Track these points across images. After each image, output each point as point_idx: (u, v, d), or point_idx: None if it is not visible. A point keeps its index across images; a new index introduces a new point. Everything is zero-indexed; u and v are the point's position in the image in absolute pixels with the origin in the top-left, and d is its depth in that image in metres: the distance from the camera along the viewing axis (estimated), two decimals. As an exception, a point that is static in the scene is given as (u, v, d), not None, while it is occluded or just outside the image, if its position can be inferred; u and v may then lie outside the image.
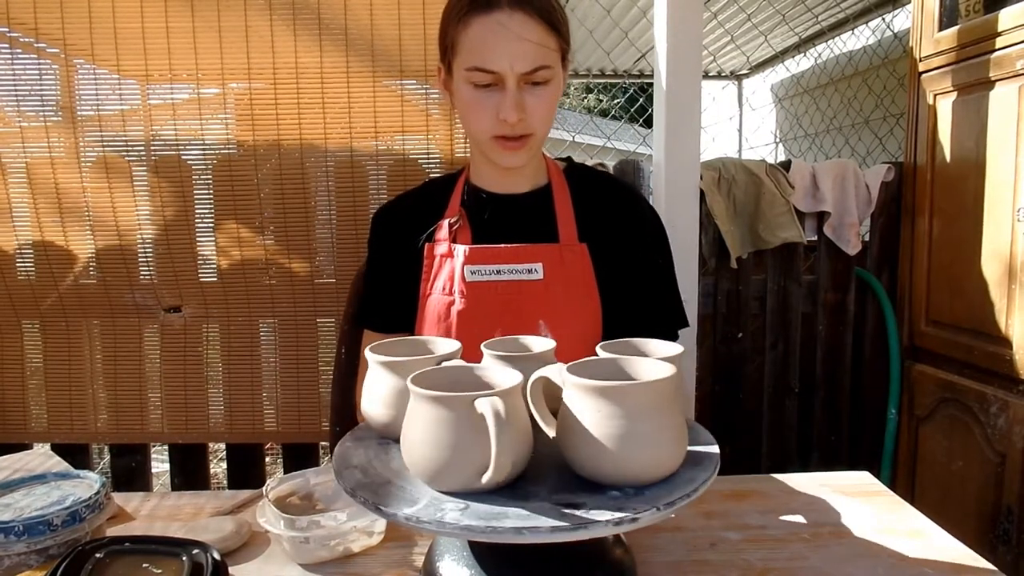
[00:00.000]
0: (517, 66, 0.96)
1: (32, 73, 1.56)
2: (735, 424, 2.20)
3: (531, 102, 0.99)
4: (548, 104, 1.01)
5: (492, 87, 0.98)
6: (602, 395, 0.61)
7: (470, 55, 0.98)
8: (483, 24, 0.96)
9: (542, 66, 0.97)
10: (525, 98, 0.98)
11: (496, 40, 0.96)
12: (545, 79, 0.99)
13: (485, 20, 0.96)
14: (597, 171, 1.21)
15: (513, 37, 0.95)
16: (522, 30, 0.95)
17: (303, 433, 1.71)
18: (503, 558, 0.73)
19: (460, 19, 0.99)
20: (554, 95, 1.02)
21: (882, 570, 0.84)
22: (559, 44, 1.00)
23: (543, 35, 0.97)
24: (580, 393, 0.62)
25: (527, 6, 0.96)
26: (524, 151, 1.03)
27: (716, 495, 1.05)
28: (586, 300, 1.07)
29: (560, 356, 0.79)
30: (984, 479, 1.78)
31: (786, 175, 2.10)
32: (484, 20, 0.96)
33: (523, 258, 1.05)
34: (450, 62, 1.03)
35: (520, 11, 0.96)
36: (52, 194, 1.60)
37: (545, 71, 0.98)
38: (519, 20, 0.95)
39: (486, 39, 0.96)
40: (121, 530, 0.96)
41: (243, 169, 1.59)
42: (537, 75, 0.98)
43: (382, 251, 1.17)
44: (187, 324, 1.67)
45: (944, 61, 1.90)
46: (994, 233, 1.74)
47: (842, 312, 2.20)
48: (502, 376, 0.68)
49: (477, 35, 0.97)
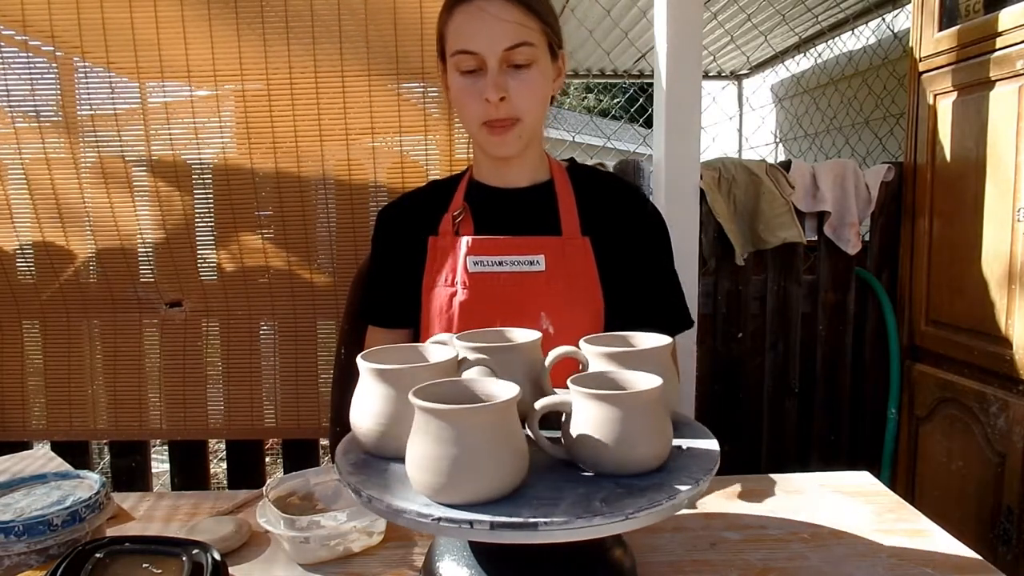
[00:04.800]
0: (496, 44, 0.99)
1: (31, 74, 1.56)
2: (735, 424, 2.20)
3: (514, 85, 1.01)
4: (532, 88, 1.03)
5: (478, 73, 1.02)
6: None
7: (455, 41, 1.02)
8: (465, 11, 1.01)
9: (522, 42, 1.00)
10: (508, 81, 1.01)
11: (476, 23, 1.00)
12: (527, 59, 1.01)
13: (467, 7, 1.01)
14: (600, 170, 1.23)
15: (492, 18, 0.99)
16: (500, 12, 0.99)
17: (302, 430, 1.71)
18: (503, 558, 0.73)
19: (446, 11, 1.04)
20: (539, 80, 1.03)
21: (882, 570, 0.84)
22: (541, 27, 1.03)
23: (522, 16, 1.00)
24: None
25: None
26: (512, 137, 1.04)
27: (716, 495, 1.05)
28: (588, 293, 1.07)
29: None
30: (984, 479, 1.78)
31: (786, 175, 2.10)
32: (466, 7, 1.01)
33: (525, 249, 1.06)
34: (443, 55, 1.07)
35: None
36: (51, 194, 1.60)
37: (526, 48, 1.00)
38: (498, 4, 0.99)
39: (468, 23, 1.01)
40: (121, 530, 0.96)
41: (241, 169, 1.59)
42: (518, 53, 1.00)
43: (387, 247, 1.18)
44: (187, 321, 1.67)
45: (944, 61, 1.90)
46: (994, 233, 1.74)
47: (842, 312, 2.20)
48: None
49: (460, 21, 1.02)
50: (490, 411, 0.62)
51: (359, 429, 0.74)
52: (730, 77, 5.29)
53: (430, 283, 1.10)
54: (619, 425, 0.66)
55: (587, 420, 0.67)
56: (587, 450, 0.68)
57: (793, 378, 2.20)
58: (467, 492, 0.62)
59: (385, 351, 0.78)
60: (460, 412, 0.61)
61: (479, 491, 0.63)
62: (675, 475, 0.68)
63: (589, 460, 0.68)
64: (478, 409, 0.62)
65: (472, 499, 0.63)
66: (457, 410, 0.61)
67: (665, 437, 0.70)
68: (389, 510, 0.64)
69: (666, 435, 0.70)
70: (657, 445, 0.68)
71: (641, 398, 0.67)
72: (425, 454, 0.63)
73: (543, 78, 1.04)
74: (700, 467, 0.70)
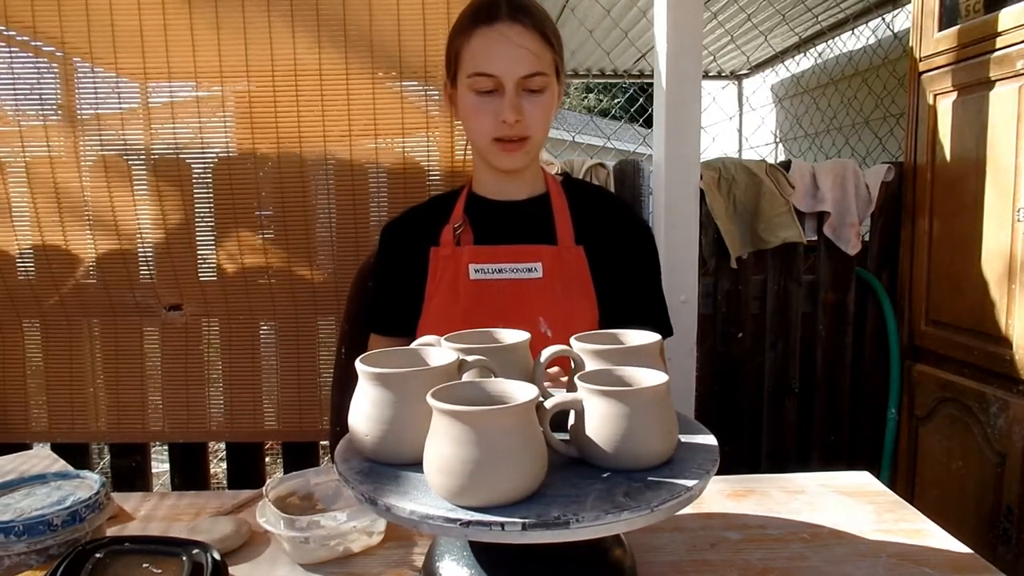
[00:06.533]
0: (516, 70, 1.05)
1: (32, 73, 1.56)
2: (735, 424, 2.20)
3: (528, 107, 1.07)
4: (543, 111, 1.09)
5: (492, 93, 1.06)
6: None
7: (473, 62, 1.06)
8: (485, 35, 1.06)
9: (538, 72, 1.06)
10: (523, 103, 1.06)
11: (497, 47, 1.05)
12: (541, 87, 1.07)
13: (487, 31, 1.05)
14: (592, 185, 1.31)
15: (512, 45, 1.04)
16: (520, 39, 1.04)
17: (304, 432, 1.71)
18: (503, 558, 0.73)
19: (464, 31, 1.08)
20: (549, 104, 1.10)
21: (882, 570, 0.84)
22: (553, 58, 1.09)
23: (539, 46, 1.06)
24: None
25: (525, 21, 1.05)
26: (521, 154, 1.10)
27: (716, 495, 1.05)
28: (583, 299, 1.12)
29: None
30: (984, 479, 1.78)
31: (786, 175, 2.10)
32: (486, 31, 1.05)
33: (524, 257, 1.11)
34: (455, 73, 1.11)
35: (519, 24, 1.05)
36: (52, 194, 1.60)
37: (541, 78, 1.06)
38: (518, 31, 1.05)
39: (488, 47, 1.05)
40: (121, 530, 0.96)
41: (243, 169, 1.59)
42: (534, 81, 1.06)
43: (391, 260, 1.22)
44: (187, 323, 1.67)
45: (944, 61, 1.90)
46: (994, 233, 1.74)
47: (842, 312, 2.20)
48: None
49: (479, 44, 1.06)
50: (513, 412, 0.62)
51: (359, 434, 0.73)
52: (730, 77, 5.29)
53: (432, 291, 1.14)
54: (633, 421, 0.67)
55: (600, 417, 0.68)
56: (601, 447, 0.68)
57: (793, 378, 2.21)
58: (492, 494, 0.62)
59: (381, 355, 0.78)
60: (484, 414, 0.61)
61: (504, 492, 0.62)
62: (683, 467, 0.70)
63: (602, 457, 0.69)
64: (502, 411, 0.62)
65: (496, 501, 0.62)
66: (481, 412, 0.61)
67: (675, 431, 0.72)
68: (413, 517, 0.62)
69: (675, 429, 0.72)
70: (669, 439, 0.70)
71: (653, 393, 0.68)
72: (447, 457, 0.62)
73: (552, 101, 1.10)
74: (705, 458, 0.72)
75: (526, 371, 0.78)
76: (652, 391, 0.68)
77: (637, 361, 0.75)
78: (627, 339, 0.82)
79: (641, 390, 0.69)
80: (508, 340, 0.82)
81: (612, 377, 0.73)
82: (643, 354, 0.77)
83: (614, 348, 0.77)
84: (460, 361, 0.73)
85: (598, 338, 0.82)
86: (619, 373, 0.73)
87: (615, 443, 0.68)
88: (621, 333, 0.83)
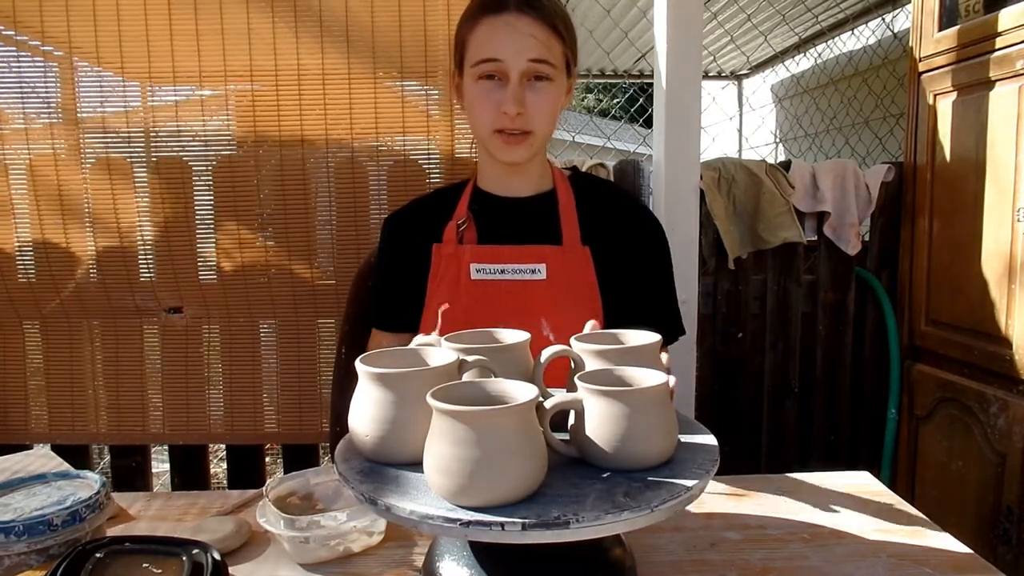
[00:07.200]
0: (521, 55, 1.02)
1: (33, 73, 1.56)
2: (735, 424, 2.20)
3: (531, 98, 1.04)
4: (548, 103, 1.06)
5: (497, 82, 1.04)
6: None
7: (478, 49, 1.05)
8: (491, 23, 1.04)
9: (544, 60, 1.03)
10: (526, 94, 1.04)
11: (503, 34, 1.03)
12: (547, 75, 1.04)
13: (494, 20, 1.04)
14: (602, 180, 1.26)
15: (519, 33, 1.02)
16: (528, 28, 1.02)
17: (304, 434, 1.71)
18: (503, 558, 0.73)
19: (471, 19, 1.06)
20: (555, 96, 1.06)
21: (882, 570, 0.84)
22: (563, 50, 1.06)
23: (547, 36, 1.04)
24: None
25: (534, 11, 1.03)
26: (523, 148, 1.07)
27: (716, 495, 1.05)
28: (587, 301, 1.09)
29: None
30: (984, 479, 1.78)
31: (786, 175, 2.10)
32: (493, 19, 1.04)
33: (527, 258, 1.09)
34: (462, 62, 1.09)
35: (527, 15, 1.03)
36: (53, 194, 1.60)
37: (547, 66, 1.04)
38: (526, 21, 1.03)
39: (494, 34, 1.03)
40: (121, 530, 0.96)
41: (244, 170, 1.59)
42: (540, 67, 1.03)
43: (393, 254, 1.20)
44: (188, 325, 1.67)
45: (944, 61, 1.90)
46: (994, 233, 1.74)
47: (842, 312, 2.20)
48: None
49: (485, 32, 1.04)
50: (514, 412, 0.62)
51: (359, 434, 0.73)
52: (730, 77, 5.29)
53: (434, 290, 1.12)
54: (634, 421, 0.67)
55: (600, 417, 0.68)
56: (601, 447, 0.68)
57: (793, 378, 2.20)
58: (492, 494, 0.62)
59: (381, 355, 0.77)
60: (484, 414, 0.61)
61: (505, 492, 0.62)
62: (683, 467, 0.70)
63: (602, 457, 0.69)
64: (502, 411, 0.62)
65: (496, 500, 0.62)
66: (481, 412, 0.61)
67: (675, 431, 0.72)
68: (413, 517, 0.62)
69: (675, 429, 0.72)
70: (669, 439, 0.70)
71: (653, 393, 0.69)
72: (447, 457, 0.62)
73: (559, 94, 1.08)
74: (705, 458, 0.72)
75: (526, 371, 0.78)
76: (652, 391, 0.68)
77: (637, 361, 0.75)
78: (627, 339, 0.82)
79: (641, 390, 0.69)
80: (508, 340, 0.82)
81: (612, 377, 0.73)
82: (643, 354, 0.77)
83: (614, 348, 0.77)
84: (460, 361, 0.73)
85: (598, 338, 0.82)
86: (619, 373, 0.73)
87: (615, 443, 0.68)
88: (621, 333, 0.83)
